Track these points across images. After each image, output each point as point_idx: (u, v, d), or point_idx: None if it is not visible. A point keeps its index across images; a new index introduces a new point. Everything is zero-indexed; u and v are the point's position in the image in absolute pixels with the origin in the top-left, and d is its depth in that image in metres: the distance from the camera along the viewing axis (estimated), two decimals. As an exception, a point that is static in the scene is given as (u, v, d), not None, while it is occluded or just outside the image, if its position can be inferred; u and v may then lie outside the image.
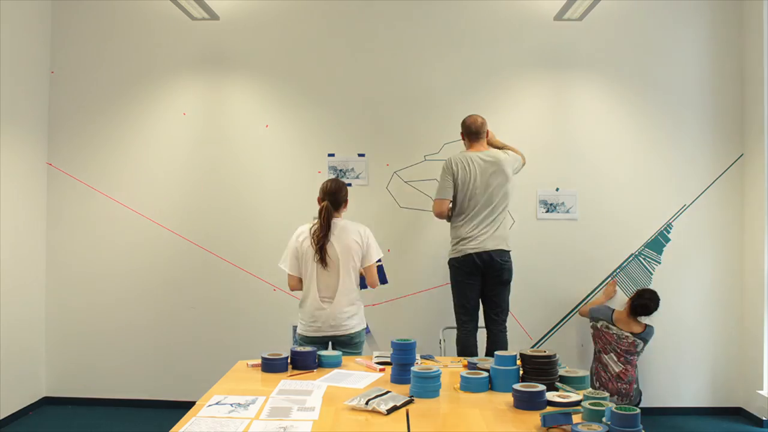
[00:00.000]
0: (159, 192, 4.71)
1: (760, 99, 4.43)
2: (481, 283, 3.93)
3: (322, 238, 3.27)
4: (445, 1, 4.65)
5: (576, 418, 2.05)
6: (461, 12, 4.65)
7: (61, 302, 4.73)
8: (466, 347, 3.88)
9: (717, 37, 4.64)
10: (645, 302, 4.19)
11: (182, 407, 2.37)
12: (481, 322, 4.01)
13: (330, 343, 3.40)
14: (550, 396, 2.31)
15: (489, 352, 3.90)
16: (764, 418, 4.34)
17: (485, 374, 2.54)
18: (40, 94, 4.69)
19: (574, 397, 2.30)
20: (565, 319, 4.63)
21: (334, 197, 3.38)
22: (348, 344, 3.36)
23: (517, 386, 2.31)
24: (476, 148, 4.02)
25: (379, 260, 3.60)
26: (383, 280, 3.77)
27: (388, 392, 2.37)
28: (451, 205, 3.97)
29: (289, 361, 2.90)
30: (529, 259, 4.59)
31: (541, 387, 2.29)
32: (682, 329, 4.59)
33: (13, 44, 4.35)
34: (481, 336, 4.02)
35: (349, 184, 4.64)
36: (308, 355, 2.89)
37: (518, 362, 2.58)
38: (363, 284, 3.52)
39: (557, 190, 4.64)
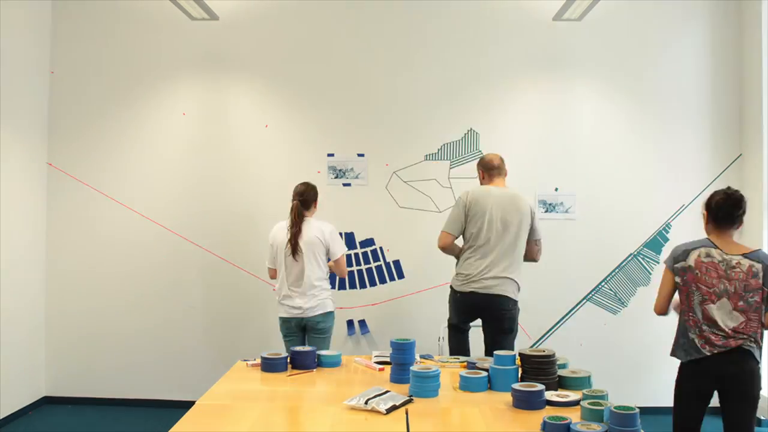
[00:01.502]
0: (159, 192, 4.71)
1: (758, 99, 4.44)
2: (474, 319, 3.65)
3: (295, 234, 3.68)
4: (445, 1, 4.65)
5: (575, 418, 2.05)
6: (460, 12, 4.65)
7: (61, 302, 4.73)
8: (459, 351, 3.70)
9: (716, 37, 4.64)
10: (728, 205, 2.82)
11: (182, 407, 2.37)
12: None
13: (304, 329, 3.79)
14: (549, 395, 2.31)
15: None
16: (763, 418, 4.35)
17: (484, 374, 2.55)
18: (40, 94, 4.69)
19: (573, 396, 2.30)
20: (564, 319, 4.63)
21: (302, 197, 3.75)
22: (314, 328, 3.73)
23: (516, 386, 2.32)
24: (496, 183, 3.67)
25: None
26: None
27: (387, 392, 2.37)
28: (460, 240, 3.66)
29: (288, 360, 2.91)
30: (528, 258, 4.60)
31: (540, 387, 2.30)
32: (681, 329, 4.59)
33: (13, 44, 4.35)
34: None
35: (348, 184, 4.66)
36: (308, 355, 2.89)
37: (517, 362, 2.59)
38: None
39: (556, 190, 4.64)
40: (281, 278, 3.75)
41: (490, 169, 3.70)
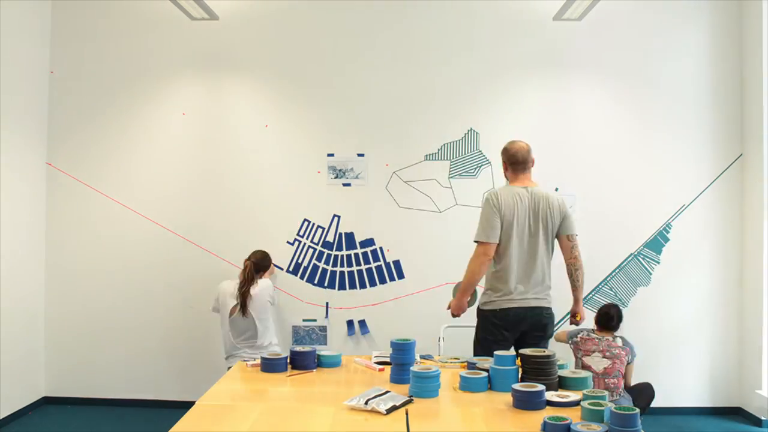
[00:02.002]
0: (158, 192, 4.71)
1: (759, 99, 4.43)
2: (515, 338, 3.30)
3: (245, 292, 3.92)
4: (445, 1, 4.65)
5: (575, 418, 2.05)
6: (460, 12, 4.65)
7: (60, 302, 4.73)
8: None
9: (716, 37, 4.64)
10: (605, 310, 4.01)
11: (182, 407, 2.37)
12: None
13: None
14: (549, 396, 2.31)
15: None
16: (763, 418, 4.35)
17: (484, 374, 2.54)
18: (40, 94, 4.69)
19: (573, 396, 2.30)
20: (563, 319, 4.63)
21: (260, 262, 4.07)
22: None
23: (517, 386, 2.31)
24: (522, 181, 3.29)
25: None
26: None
27: (387, 392, 2.37)
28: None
29: (288, 361, 2.90)
30: (528, 259, 4.59)
31: (540, 387, 2.29)
32: (681, 329, 4.59)
33: (13, 44, 4.35)
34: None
35: (348, 184, 4.66)
36: (307, 355, 2.89)
37: (517, 362, 2.59)
38: None
39: (556, 189, 4.63)
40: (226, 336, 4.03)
41: (514, 164, 3.31)
